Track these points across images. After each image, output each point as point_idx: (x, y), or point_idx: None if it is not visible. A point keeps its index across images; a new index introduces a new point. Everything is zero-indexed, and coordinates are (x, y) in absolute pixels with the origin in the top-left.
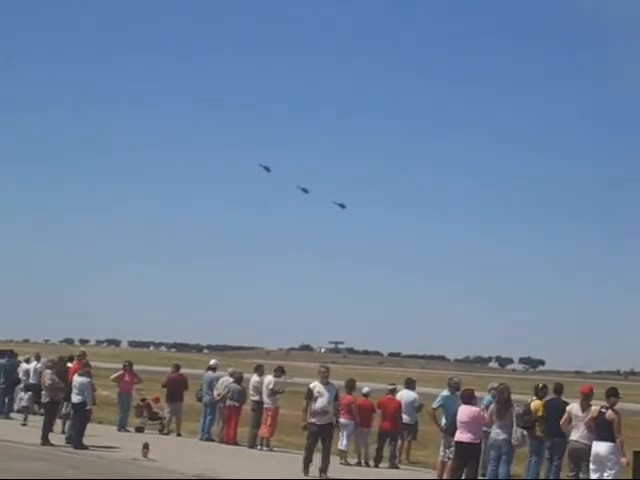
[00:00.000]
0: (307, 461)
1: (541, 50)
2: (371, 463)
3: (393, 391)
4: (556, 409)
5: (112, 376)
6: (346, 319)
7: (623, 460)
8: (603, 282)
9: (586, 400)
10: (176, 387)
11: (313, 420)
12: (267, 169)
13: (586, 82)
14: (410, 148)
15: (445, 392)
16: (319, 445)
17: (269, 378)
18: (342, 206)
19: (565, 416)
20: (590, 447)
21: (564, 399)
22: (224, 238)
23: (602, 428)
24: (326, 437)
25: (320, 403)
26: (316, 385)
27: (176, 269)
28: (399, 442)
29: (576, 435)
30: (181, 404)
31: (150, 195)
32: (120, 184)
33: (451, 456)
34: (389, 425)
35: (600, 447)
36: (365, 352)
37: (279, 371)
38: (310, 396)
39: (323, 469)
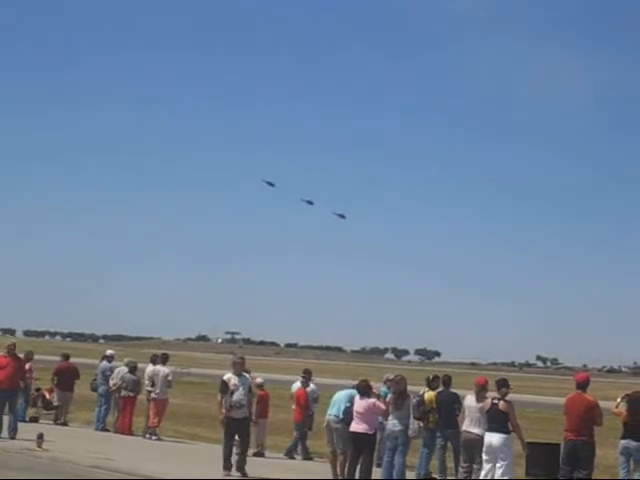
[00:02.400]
0: (227, 458)
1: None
2: (267, 454)
3: (304, 382)
4: (447, 401)
5: None
6: (243, 310)
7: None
8: (496, 275)
9: (482, 391)
10: (66, 376)
11: (230, 414)
12: (271, 184)
13: None
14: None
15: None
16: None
17: (163, 369)
18: (342, 216)
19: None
20: (483, 438)
21: (454, 390)
22: (125, 228)
23: (495, 419)
24: (243, 431)
25: (237, 396)
26: (231, 377)
27: (73, 257)
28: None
29: (469, 426)
30: (71, 394)
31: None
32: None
33: (338, 449)
34: (300, 416)
35: (493, 438)
36: (262, 342)
37: (163, 357)
38: (225, 389)
39: (240, 466)
